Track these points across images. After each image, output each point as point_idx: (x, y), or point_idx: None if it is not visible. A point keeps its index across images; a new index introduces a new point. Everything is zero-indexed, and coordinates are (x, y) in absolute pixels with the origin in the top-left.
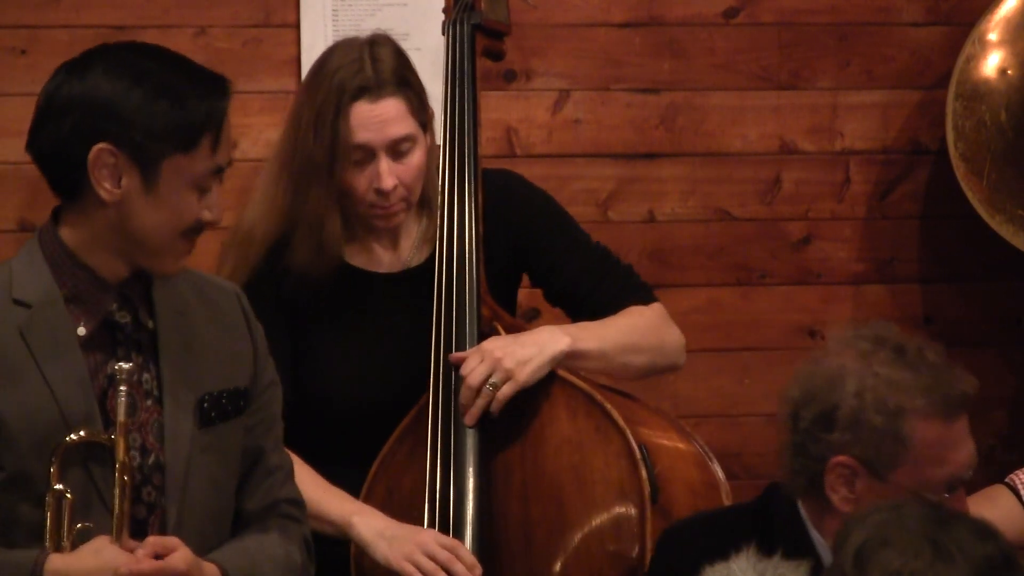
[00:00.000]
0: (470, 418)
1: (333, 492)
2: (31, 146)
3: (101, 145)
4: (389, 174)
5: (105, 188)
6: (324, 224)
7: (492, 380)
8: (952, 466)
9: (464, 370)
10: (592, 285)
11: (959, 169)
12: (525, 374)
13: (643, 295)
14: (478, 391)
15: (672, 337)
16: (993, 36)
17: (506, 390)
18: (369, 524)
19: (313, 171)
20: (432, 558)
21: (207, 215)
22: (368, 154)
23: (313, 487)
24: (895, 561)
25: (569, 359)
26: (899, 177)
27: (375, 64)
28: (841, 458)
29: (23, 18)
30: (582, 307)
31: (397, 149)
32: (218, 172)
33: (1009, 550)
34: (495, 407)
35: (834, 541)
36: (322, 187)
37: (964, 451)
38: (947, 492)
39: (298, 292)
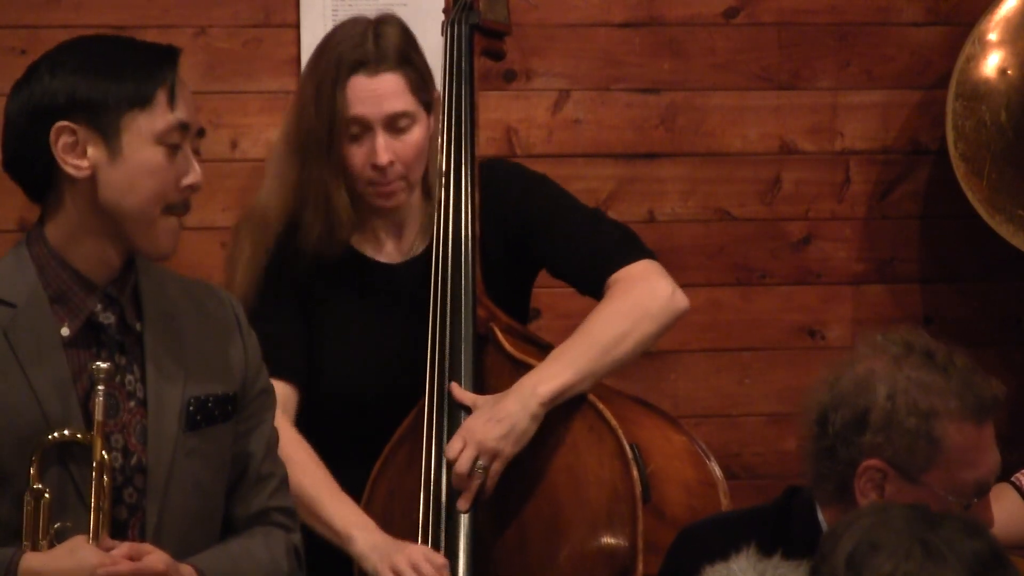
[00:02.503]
0: (464, 503)
1: (340, 499)
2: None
3: (59, 124)
4: (385, 149)
5: (72, 165)
6: (331, 199)
7: (480, 464)
8: (981, 470)
9: (450, 455)
10: (580, 249)
11: (959, 169)
12: (510, 448)
13: (628, 253)
14: (468, 475)
15: (657, 294)
16: (993, 36)
17: (496, 467)
18: (367, 539)
19: (315, 145)
20: (417, 571)
21: (185, 178)
22: (365, 128)
23: (323, 489)
24: (887, 564)
25: (555, 400)
26: (899, 177)
27: (377, 40)
28: (872, 461)
29: (23, 18)
30: (575, 274)
31: (395, 125)
32: (183, 129)
33: (997, 545)
34: (489, 484)
35: (820, 549)
36: (324, 161)
37: (993, 455)
38: (975, 497)
39: (310, 274)
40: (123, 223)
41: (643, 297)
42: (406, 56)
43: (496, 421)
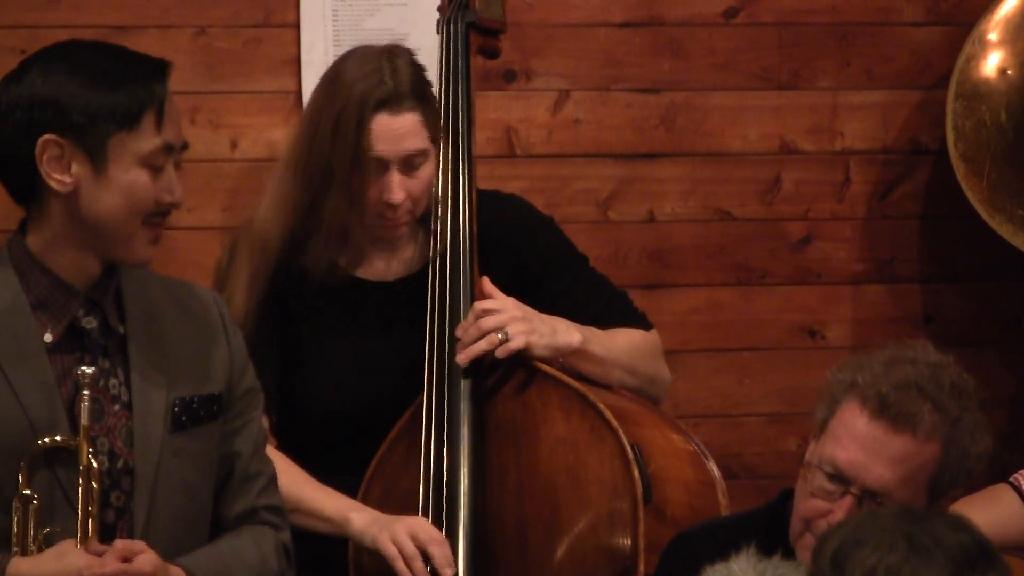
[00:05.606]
0: (464, 357)
1: (329, 491)
2: None
3: (45, 137)
4: (400, 187)
5: (56, 179)
6: (349, 234)
7: (507, 330)
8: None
9: (483, 305)
10: (594, 314)
11: (959, 169)
12: (535, 346)
13: (643, 324)
14: (486, 333)
15: (663, 373)
16: (993, 36)
17: (512, 346)
18: (363, 517)
19: (331, 179)
20: (415, 540)
21: (167, 197)
22: (382, 166)
23: (308, 486)
24: (871, 558)
25: (573, 356)
26: (899, 177)
27: (395, 76)
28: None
29: (23, 18)
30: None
31: (410, 163)
32: (168, 151)
33: (984, 540)
34: (499, 352)
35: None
36: (342, 196)
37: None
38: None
39: (301, 295)
40: (102, 235)
41: (659, 369)
42: (422, 92)
43: (540, 319)
